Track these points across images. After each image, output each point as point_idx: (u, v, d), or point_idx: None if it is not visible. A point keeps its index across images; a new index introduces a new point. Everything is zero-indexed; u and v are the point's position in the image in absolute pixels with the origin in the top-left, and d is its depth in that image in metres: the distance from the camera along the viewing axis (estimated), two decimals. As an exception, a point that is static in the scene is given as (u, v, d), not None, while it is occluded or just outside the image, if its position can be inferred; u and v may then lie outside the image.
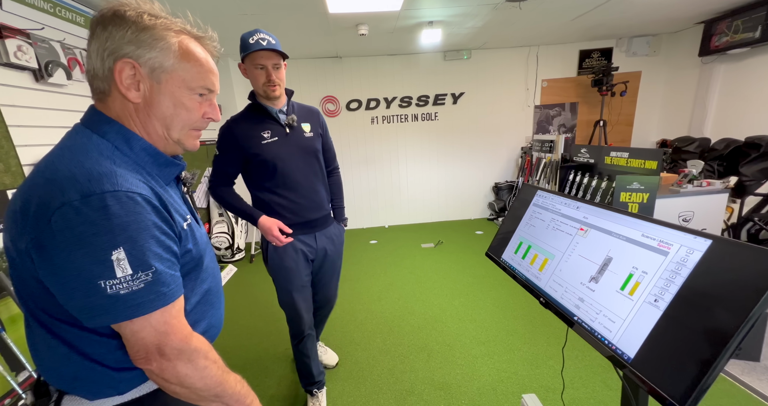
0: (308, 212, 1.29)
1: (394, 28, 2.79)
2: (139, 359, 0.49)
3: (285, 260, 1.26)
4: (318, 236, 1.33)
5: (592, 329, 0.56)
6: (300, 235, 1.29)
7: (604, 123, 3.54)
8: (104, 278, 0.45)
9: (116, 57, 0.51)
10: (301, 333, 1.35)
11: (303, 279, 1.30)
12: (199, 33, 0.59)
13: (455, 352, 1.80)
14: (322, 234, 1.34)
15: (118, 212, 0.46)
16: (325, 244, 1.35)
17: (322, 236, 1.35)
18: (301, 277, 1.30)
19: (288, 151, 1.22)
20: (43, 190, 0.46)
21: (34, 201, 0.46)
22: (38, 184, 0.47)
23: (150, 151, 0.56)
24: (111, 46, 0.51)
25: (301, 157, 1.25)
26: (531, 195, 0.89)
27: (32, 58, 1.57)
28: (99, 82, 0.53)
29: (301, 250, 1.29)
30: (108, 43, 0.51)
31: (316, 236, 1.33)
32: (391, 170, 4.09)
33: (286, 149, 1.21)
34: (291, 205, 1.25)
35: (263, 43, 1.06)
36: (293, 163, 1.23)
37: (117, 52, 0.51)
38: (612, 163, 2.56)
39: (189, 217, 0.61)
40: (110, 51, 0.51)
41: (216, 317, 0.68)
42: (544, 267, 0.73)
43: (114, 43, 0.51)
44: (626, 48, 3.65)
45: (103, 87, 0.54)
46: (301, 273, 1.29)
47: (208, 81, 0.58)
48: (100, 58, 0.52)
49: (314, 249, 1.32)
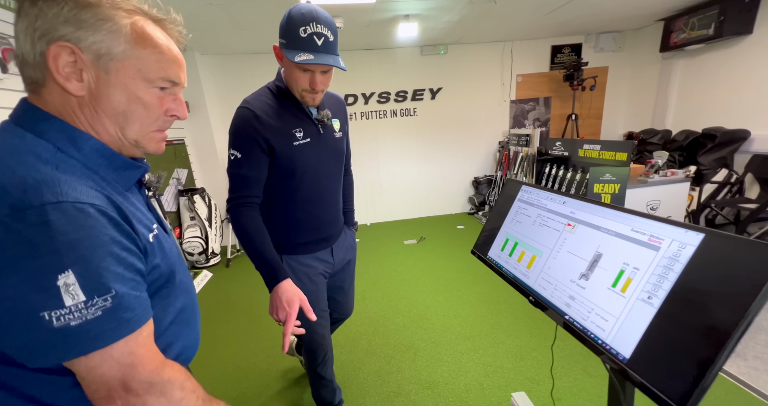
0: (328, 227, 1.08)
1: (370, 22, 2.71)
2: (99, 399, 0.41)
3: (306, 284, 1.05)
4: (335, 249, 1.14)
5: (585, 328, 0.54)
6: (317, 251, 1.09)
7: (576, 117, 3.66)
8: (48, 308, 0.37)
9: (49, 39, 0.42)
10: (323, 356, 1.19)
11: (324, 301, 1.14)
12: (159, 14, 0.50)
13: (441, 349, 1.79)
14: (338, 246, 1.16)
15: (63, 228, 0.38)
16: (342, 256, 1.18)
17: (339, 249, 1.16)
18: (324, 299, 1.13)
19: (320, 157, 0.98)
20: None
21: None
22: None
23: (103, 152, 0.47)
24: (42, 26, 0.42)
25: (331, 165, 1.03)
26: (516, 190, 0.87)
27: None
28: (30, 70, 0.44)
29: (321, 270, 1.10)
30: (39, 22, 0.42)
31: (332, 250, 1.13)
32: (371, 167, 4.03)
33: (318, 155, 0.97)
34: (313, 220, 1.03)
35: (318, 41, 0.79)
36: (323, 171, 1.00)
37: (50, 33, 0.42)
38: (585, 155, 2.64)
39: (155, 226, 0.53)
40: (42, 32, 0.42)
41: (191, 337, 0.60)
42: (532, 264, 0.71)
43: (46, 22, 0.42)
44: (594, 44, 3.78)
45: (36, 76, 0.44)
46: (323, 295, 1.12)
47: (170, 71, 0.49)
48: (29, 40, 0.42)
49: (332, 264, 1.14)
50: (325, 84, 0.89)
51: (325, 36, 0.79)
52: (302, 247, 1.05)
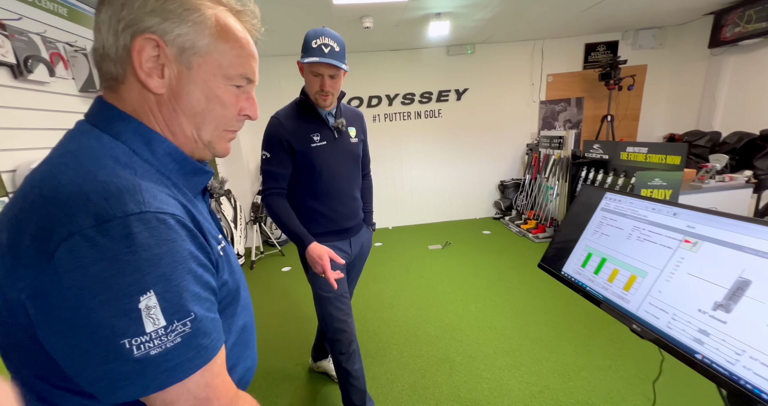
0: (346, 220, 1.25)
1: (400, 21, 2.65)
2: None
3: None
4: (353, 242, 1.30)
5: (733, 374, 0.44)
6: (336, 241, 1.25)
7: (612, 118, 3.46)
8: (129, 335, 0.32)
9: (134, 31, 0.38)
10: (348, 345, 1.22)
11: (344, 287, 1.24)
12: (238, 6, 0.45)
13: (479, 364, 1.68)
14: (356, 239, 1.31)
15: (146, 242, 0.33)
16: (357, 249, 1.33)
17: (356, 241, 1.32)
18: (343, 285, 1.23)
19: (335, 157, 1.17)
20: (40, 215, 0.32)
21: (29, 230, 0.32)
22: (33, 205, 0.33)
23: (175, 156, 0.43)
24: (128, 16, 0.38)
25: (346, 164, 1.21)
26: (596, 198, 0.77)
27: (9, 52, 1.39)
28: (110, 65, 0.40)
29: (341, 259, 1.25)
30: (124, 12, 0.38)
31: (351, 242, 1.29)
32: (394, 170, 3.95)
33: (333, 155, 1.16)
34: (331, 213, 1.20)
35: (325, 50, 0.99)
36: (338, 169, 1.18)
37: (135, 24, 0.38)
38: (629, 158, 2.47)
39: (221, 237, 0.48)
40: (127, 23, 0.38)
41: (251, 358, 0.55)
42: (630, 286, 0.61)
43: (133, 12, 0.38)
44: (632, 41, 3.57)
45: (116, 72, 0.40)
46: (342, 281, 1.22)
47: (248, 68, 0.45)
48: (112, 32, 0.38)
49: (349, 255, 1.29)
50: (334, 87, 1.07)
51: (331, 46, 1.00)
52: (323, 236, 1.19)
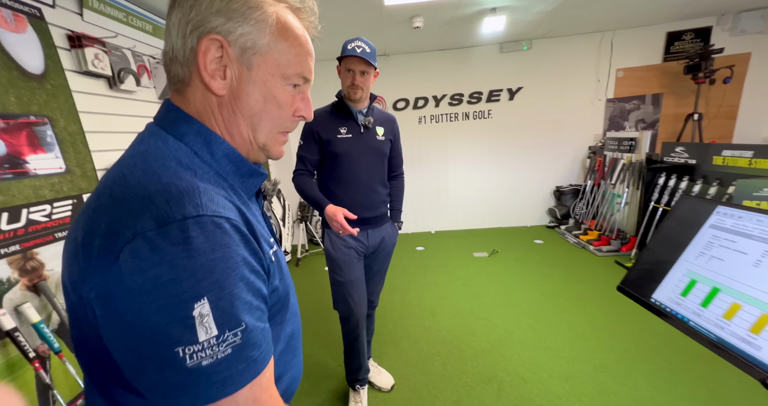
0: (363, 210, 1.32)
1: (452, 19, 2.57)
2: None
3: (337, 252, 1.32)
4: (370, 234, 1.37)
5: None
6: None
7: (700, 116, 2.97)
8: (183, 343, 0.31)
9: (201, 32, 0.38)
10: (356, 326, 1.37)
11: (355, 273, 1.34)
12: (297, 3, 0.44)
13: (531, 387, 1.53)
14: (374, 231, 1.38)
15: (202, 247, 0.33)
16: (376, 241, 1.39)
17: (375, 234, 1.38)
18: (353, 270, 1.33)
19: (358, 149, 1.29)
20: (110, 215, 0.33)
21: (100, 230, 0.33)
22: (104, 205, 0.35)
23: (233, 158, 0.43)
24: (196, 18, 0.38)
25: (369, 157, 1.32)
26: (703, 213, 0.64)
27: (107, 65, 1.62)
28: (178, 68, 0.41)
29: (353, 245, 1.33)
30: (193, 14, 0.38)
31: (368, 233, 1.37)
32: (439, 172, 3.85)
33: (356, 147, 1.29)
34: (348, 200, 1.31)
35: (358, 50, 1.15)
36: (360, 161, 1.30)
37: (202, 25, 0.38)
38: (725, 163, 2.08)
39: (272, 241, 0.47)
40: (194, 25, 0.38)
41: (297, 367, 0.54)
42: (762, 329, 0.48)
43: (201, 13, 0.38)
44: (731, 26, 3.04)
45: (183, 74, 0.41)
46: (354, 266, 1.33)
47: (305, 66, 0.44)
48: (181, 35, 0.39)
49: (365, 245, 1.37)
50: (364, 83, 1.21)
51: (363, 47, 1.16)
52: None
